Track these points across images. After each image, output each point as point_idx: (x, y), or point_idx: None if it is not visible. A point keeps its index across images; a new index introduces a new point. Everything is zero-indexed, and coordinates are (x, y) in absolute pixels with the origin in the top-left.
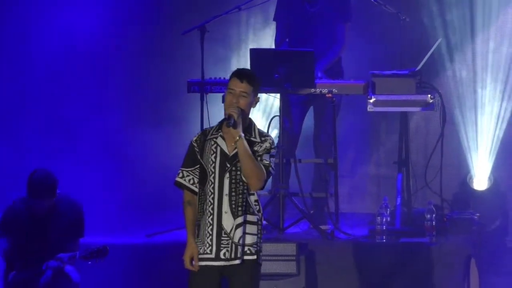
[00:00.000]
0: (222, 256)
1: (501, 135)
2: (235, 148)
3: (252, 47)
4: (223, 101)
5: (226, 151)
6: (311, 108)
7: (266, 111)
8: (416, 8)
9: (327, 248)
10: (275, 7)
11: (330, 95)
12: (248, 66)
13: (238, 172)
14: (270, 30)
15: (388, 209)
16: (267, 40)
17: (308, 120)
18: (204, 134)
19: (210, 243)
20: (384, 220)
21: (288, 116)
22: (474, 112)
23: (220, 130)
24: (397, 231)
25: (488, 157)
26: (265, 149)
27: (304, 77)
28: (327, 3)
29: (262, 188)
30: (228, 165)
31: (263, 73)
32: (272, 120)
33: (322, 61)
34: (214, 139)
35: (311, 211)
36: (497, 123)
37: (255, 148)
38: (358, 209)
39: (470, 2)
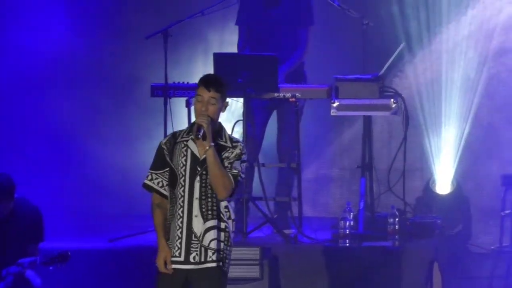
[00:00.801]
0: (191, 260)
1: (464, 139)
2: (207, 151)
3: (216, 51)
4: (186, 105)
5: (197, 154)
6: (275, 113)
7: (227, 116)
8: (379, 12)
9: (290, 252)
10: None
11: (293, 99)
12: (212, 71)
13: (209, 177)
14: (234, 35)
15: (351, 213)
16: (232, 44)
17: (271, 125)
18: (174, 137)
19: (179, 246)
20: (347, 224)
21: (252, 121)
22: (438, 116)
23: (191, 133)
24: (360, 235)
25: (451, 161)
26: (236, 155)
27: (268, 81)
28: (289, 7)
29: (229, 197)
30: (199, 169)
31: (226, 77)
32: (236, 125)
33: (284, 65)
34: (185, 142)
35: (275, 216)
36: (460, 127)
37: (226, 154)
38: (321, 213)
39: (428, 4)
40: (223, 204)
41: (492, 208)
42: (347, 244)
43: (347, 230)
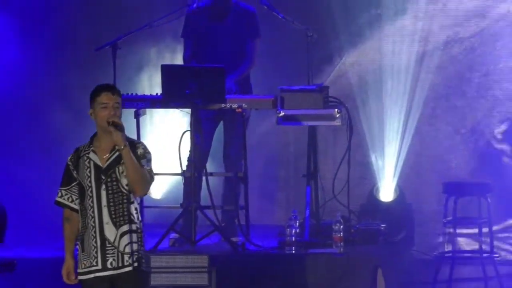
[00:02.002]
0: (109, 266)
1: (406, 147)
2: (108, 159)
3: (163, 63)
4: (135, 116)
5: (99, 163)
6: (221, 123)
7: (174, 126)
8: (323, 24)
9: (238, 259)
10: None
11: (240, 109)
12: (158, 82)
13: (115, 183)
14: (181, 46)
15: (297, 221)
16: (177, 56)
17: (218, 134)
18: (77, 152)
19: (95, 255)
20: (293, 231)
21: (200, 131)
22: (381, 125)
23: (91, 146)
24: (306, 242)
25: (394, 169)
26: (140, 155)
27: (215, 92)
28: (236, 20)
29: (145, 194)
30: (103, 177)
31: (174, 88)
32: (183, 136)
33: (233, 75)
34: (87, 155)
35: (222, 224)
36: (403, 135)
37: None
38: (268, 221)
39: (371, 17)
40: (132, 207)
41: (434, 214)
42: (293, 251)
43: (293, 238)
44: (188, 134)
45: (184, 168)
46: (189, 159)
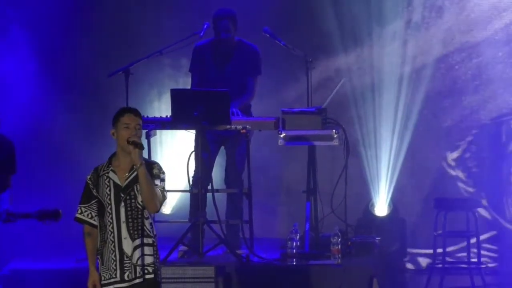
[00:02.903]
0: (126, 278)
1: (398, 166)
2: (127, 179)
3: (172, 87)
4: (146, 137)
5: (119, 182)
6: (225, 142)
7: (179, 147)
8: (320, 50)
9: (242, 270)
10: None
11: (244, 130)
12: (168, 106)
13: (133, 200)
14: (188, 73)
15: (298, 234)
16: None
17: (219, 155)
18: (97, 171)
19: (114, 268)
20: (294, 244)
21: (206, 151)
22: (376, 144)
23: (110, 165)
24: (306, 254)
25: (387, 186)
26: (155, 174)
27: (221, 115)
28: (239, 57)
29: (158, 211)
30: (122, 195)
31: (183, 111)
32: (191, 156)
33: (236, 102)
34: (106, 174)
35: (228, 237)
36: (395, 154)
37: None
38: (270, 235)
39: (364, 41)
40: (147, 222)
41: (425, 228)
42: (294, 263)
43: (294, 250)
44: (193, 154)
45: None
46: (194, 177)
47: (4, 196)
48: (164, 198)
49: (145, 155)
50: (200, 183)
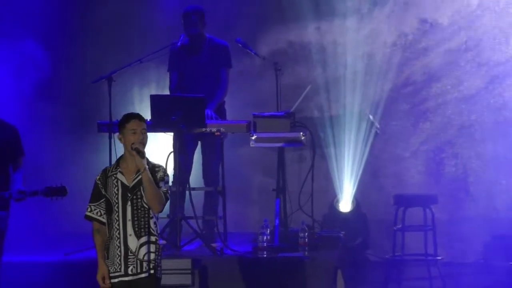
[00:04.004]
0: (130, 272)
1: (362, 165)
2: (134, 179)
3: (152, 93)
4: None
5: (126, 183)
6: (201, 143)
7: (158, 147)
8: (290, 58)
9: (217, 262)
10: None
11: (218, 133)
12: (148, 110)
13: (139, 200)
14: (166, 78)
15: (268, 229)
16: (162, 86)
17: (197, 155)
18: (105, 172)
19: (119, 262)
20: (265, 238)
21: (184, 152)
22: (341, 145)
23: (118, 167)
24: (276, 247)
25: (351, 184)
26: (159, 178)
27: (197, 118)
28: (210, 53)
29: (161, 211)
30: (129, 195)
31: (162, 115)
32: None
33: (211, 103)
34: (115, 175)
35: (203, 232)
36: (361, 155)
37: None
38: (243, 229)
39: (335, 51)
40: (151, 221)
41: (386, 223)
42: (265, 255)
43: (265, 243)
44: (172, 155)
45: (170, 183)
46: (173, 176)
47: (16, 176)
48: (167, 199)
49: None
50: (177, 181)
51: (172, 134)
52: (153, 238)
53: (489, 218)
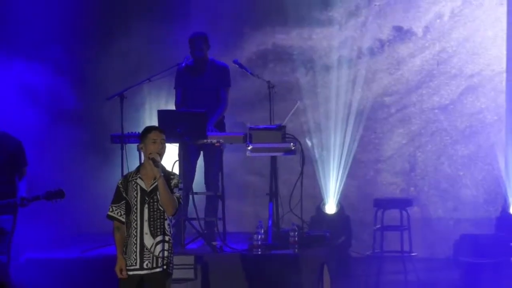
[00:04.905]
0: (145, 266)
1: (346, 172)
2: (152, 185)
3: (159, 109)
4: (138, 150)
5: (145, 188)
6: (203, 153)
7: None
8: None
9: (217, 259)
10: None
11: (218, 144)
12: (156, 123)
13: (155, 203)
14: (172, 96)
15: (262, 229)
16: (169, 102)
17: (200, 163)
18: (126, 178)
19: (135, 257)
20: (259, 237)
21: (188, 161)
22: (327, 154)
23: (138, 173)
24: (269, 245)
25: (336, 189)
26: (174, 184)
27: (199, 131)
28: (212, 74)
29: (175, 214)
30: (147, 198)
31: (167, 129)
32: (174, 164)
33: (212, 118)
34: (135, 180)
35: (205, 231)
36: (344, 163)
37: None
38: (240, 229)
39: (316, 66)
40: (166, 223)
41: (366, 223)
42: (260, 252)
43: (259, 242)
44: (177, 163)
45: None
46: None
47: (21, 185)
48: (180, 203)
49: (136, 162)
50: (182, 187)
51: (177, 144)
52: (167, 238)
53: (458, 219)
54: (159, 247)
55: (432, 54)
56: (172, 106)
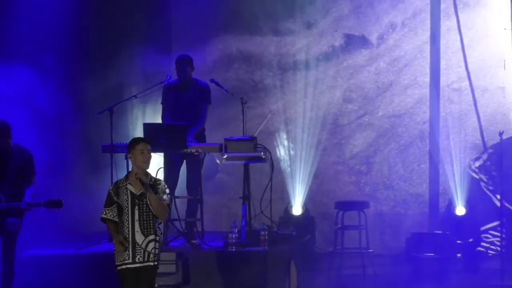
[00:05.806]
0: (137, 260)
1: (311, 177)
2: (140, 190)
3: (144, 122)
4: (126, 158)
5: (134, 192)
6: (185, 161)
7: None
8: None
9: (196, 255)
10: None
11: (197, 153)
12: (141, 135)
13: (144, 206)
14: (158, 111)
15: (236, 229)
16: (155, 116)
17: (182, 170)
18: (117, 184)
19: (128, 253)
20: (233, 236)
21: (171, 168)
22: (294, 162)
23: (128, 180)
24: (242, 243)
25: (301, 192)
26: (160, 189)
27: (180, 141)
28: (195, 91)
29: (167, 219)
30: (137, 201)
31: (152, 139)
32: (158, 171)
33: (192, 131)
34: (125, 186)
35: (185, 231)
36: (309, 168)
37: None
38: (216, 229)
39: (289, 80)
40: (156, 223)
41: (329, 223)
42: (234, 249)
43: (234, 240)
44: (161, 170)
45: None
46: None
47: (27, 191)
48: (170, 208)
49: (124, 170)
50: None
51: (162, 154)
52: (158, 238)
53: (411, 218)
54: (151, 245)
55: (386, 63)
56: (155, 120)
